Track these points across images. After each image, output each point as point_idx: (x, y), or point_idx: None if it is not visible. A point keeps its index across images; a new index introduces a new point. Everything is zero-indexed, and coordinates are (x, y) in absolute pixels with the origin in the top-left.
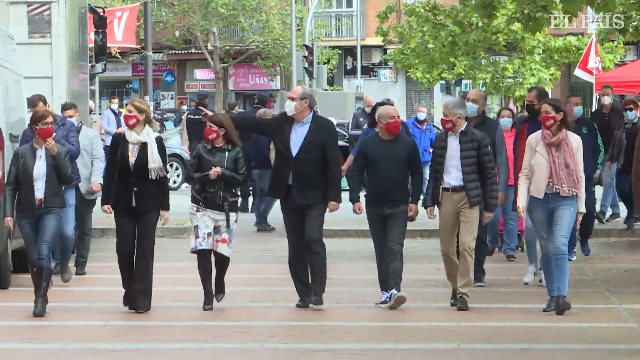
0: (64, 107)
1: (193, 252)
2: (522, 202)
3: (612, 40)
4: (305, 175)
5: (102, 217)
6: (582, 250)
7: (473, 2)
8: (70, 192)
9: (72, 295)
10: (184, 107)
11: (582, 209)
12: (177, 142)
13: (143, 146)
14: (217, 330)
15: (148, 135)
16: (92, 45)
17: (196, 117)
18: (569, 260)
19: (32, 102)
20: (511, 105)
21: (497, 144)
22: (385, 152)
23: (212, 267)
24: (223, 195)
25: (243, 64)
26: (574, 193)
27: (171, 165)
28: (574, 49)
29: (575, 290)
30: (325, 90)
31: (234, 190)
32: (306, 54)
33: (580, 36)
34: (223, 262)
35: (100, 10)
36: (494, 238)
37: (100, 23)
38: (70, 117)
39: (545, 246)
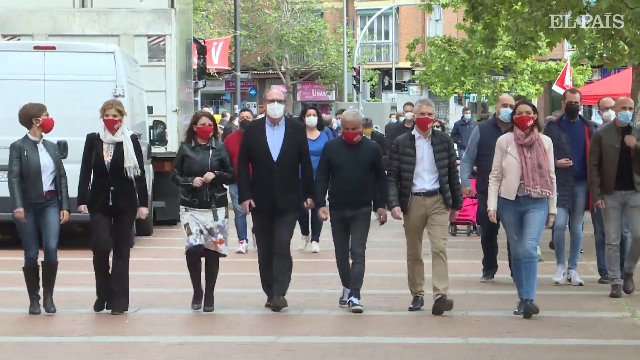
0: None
1: (188, 250)
2: (492, 205)
3: (582, 64)
4: (285, 179)
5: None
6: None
7: (479, 36)
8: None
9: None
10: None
11: (554, 210)
12: None
13: (118, 145)
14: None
15: (123, 134)
16: (196, 67)
17: None
18: None
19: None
20: None
21: None
22: (348, 156)
23: (201, 267)
24: (210, 192)
25: (307, 82)
26: (547, 194)
27: None
28: (553, 70)
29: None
30: (368, 101)
31: (220, 187)
32: (354, 74)
33: (558, 61)
34: (214, 270)
35: (201, 40)
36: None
37: (202, 50)
38: None
39: (515, 248)
